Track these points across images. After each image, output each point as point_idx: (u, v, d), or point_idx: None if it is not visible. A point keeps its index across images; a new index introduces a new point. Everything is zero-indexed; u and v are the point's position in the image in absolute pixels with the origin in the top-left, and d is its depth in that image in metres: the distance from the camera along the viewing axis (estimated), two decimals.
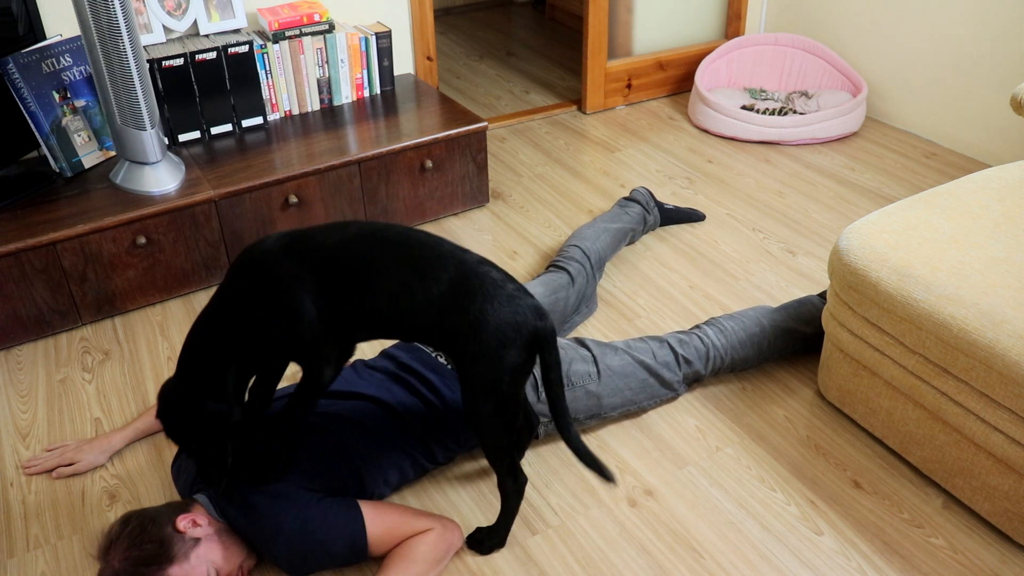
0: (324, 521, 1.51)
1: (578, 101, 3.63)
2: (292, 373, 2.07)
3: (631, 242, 2.58)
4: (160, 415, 1.47)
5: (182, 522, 1.46)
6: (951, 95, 3.10)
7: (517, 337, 1.42)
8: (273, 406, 1.69)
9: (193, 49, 2.49)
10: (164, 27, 2.60)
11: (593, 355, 1.87)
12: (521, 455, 1.80)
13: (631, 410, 1.93)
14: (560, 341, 1.89)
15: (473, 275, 1.43)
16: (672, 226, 2.71)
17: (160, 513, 1.47)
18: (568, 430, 1.51)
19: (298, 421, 1.50)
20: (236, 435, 1.48)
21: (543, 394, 1.79)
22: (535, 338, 1.44)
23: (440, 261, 1.43)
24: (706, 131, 3.35)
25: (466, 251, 1.47)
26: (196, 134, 2.60)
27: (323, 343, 1.43)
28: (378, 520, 1.56)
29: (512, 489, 1.58)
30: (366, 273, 1.42)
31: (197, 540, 1.46)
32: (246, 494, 1.52)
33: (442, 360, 1.84)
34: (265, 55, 2.63)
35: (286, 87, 2.72)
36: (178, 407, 1.45)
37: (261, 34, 2.69)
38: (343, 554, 1.54)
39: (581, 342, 1.91)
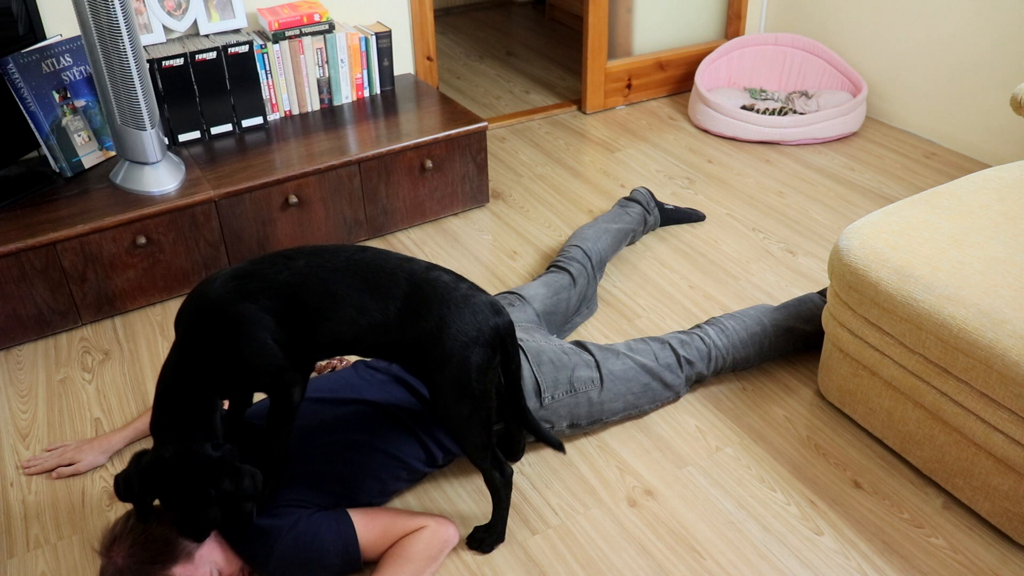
0: (316, 536, 1.52)
1: (578, 101, 3.63)
2: None
3: (631, 242, 2.58)
4: (153, 484, 1.38)
5: None
6: (951, 95, 3.10)
7: (479, 336, 1.45)
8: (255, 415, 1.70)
9: (193, 49, 2.49)
10: (164, 27, 2.60)
11: (596, 360, 1.87)
12: (519, 456, 1.80)
13: (632, 413, 1.93)
14: (563, 346, 1.89)
15: (424, 283, 1.46)
16: (672, 226, 2.71)
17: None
18: (525, 413, 1.61)
19: (281, 443, 1.51)
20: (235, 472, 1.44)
21: (545, 399, 1.79)
22: (496, 334, 1.48)
23: (391, 278, 1.46)
24: (706, 131, 3.35)
25: (412, 260, 1.50)
26: (196, 134, 2.60)
27: (288, 371, 1.45)
28: (369, 526, 1.56)
29: (500, 482, 1.59)
30: (322, 305, 1.43)
31: None
32: None
33: None
34: (265, 55, 2.63)
35: (286, 87, 2.72)
36: (181, 462, 1.38)
37: (261, 34, 2.69)
38: (337, 565, 1.54)
39: (583, 346, 1.91)
